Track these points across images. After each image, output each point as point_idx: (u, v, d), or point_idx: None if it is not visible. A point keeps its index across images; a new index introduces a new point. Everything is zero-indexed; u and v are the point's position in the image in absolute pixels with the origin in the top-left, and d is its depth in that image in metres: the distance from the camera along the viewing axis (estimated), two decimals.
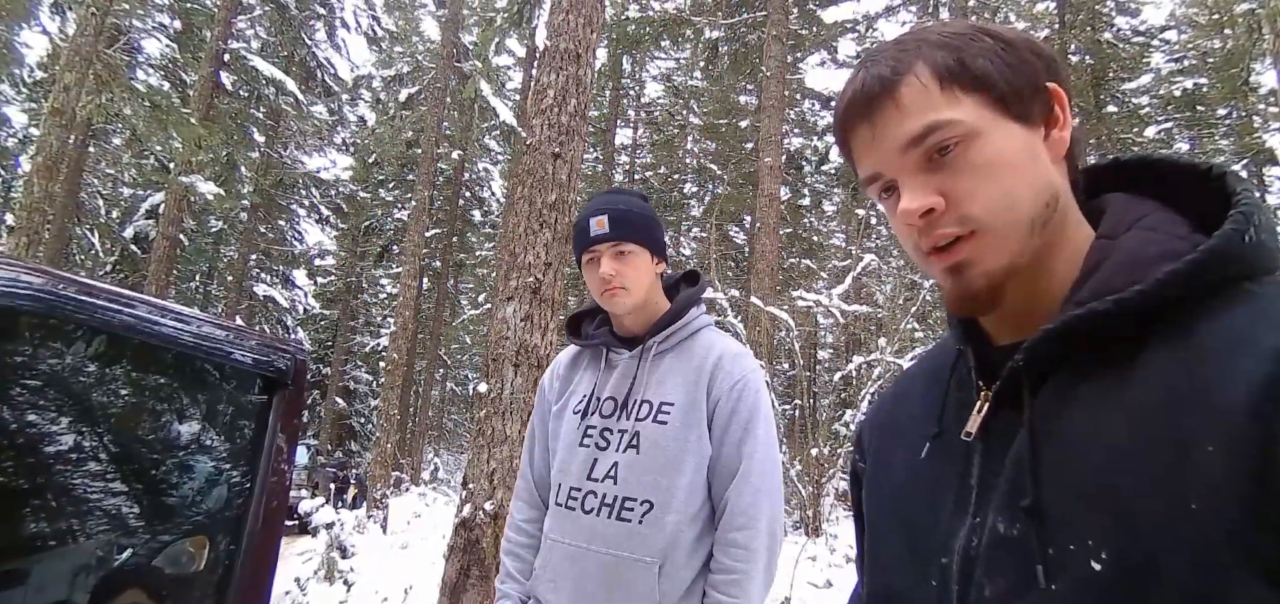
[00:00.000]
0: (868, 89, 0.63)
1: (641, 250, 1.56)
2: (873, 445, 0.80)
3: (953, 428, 0.66)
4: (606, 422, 1.54)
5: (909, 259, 5.60)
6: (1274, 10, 6.95)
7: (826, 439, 11.27)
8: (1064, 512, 0.54)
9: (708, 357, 1.54)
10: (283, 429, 1.62)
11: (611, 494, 1.48)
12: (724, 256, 21.60)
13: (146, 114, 9.80)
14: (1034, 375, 0.60)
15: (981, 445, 0.63)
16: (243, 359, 1.56)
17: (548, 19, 5.21)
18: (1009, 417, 0.61)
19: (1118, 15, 18.95)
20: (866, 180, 0.66)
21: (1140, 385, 0.54)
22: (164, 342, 1.47)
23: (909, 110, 0.61)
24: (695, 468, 1.47)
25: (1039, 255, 0.62)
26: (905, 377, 0.82)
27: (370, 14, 19.82)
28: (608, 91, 23.15)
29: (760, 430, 1.49)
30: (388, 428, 14.72)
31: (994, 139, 0.61)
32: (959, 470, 0.64)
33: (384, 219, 26.48)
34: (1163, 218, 0.62)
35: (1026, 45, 0.64)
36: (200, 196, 13.52)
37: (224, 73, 15.27)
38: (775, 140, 13.71)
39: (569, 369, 1.70)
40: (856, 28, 19.67)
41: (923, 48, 0.63)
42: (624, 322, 1.60)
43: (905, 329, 11.71)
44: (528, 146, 4.89)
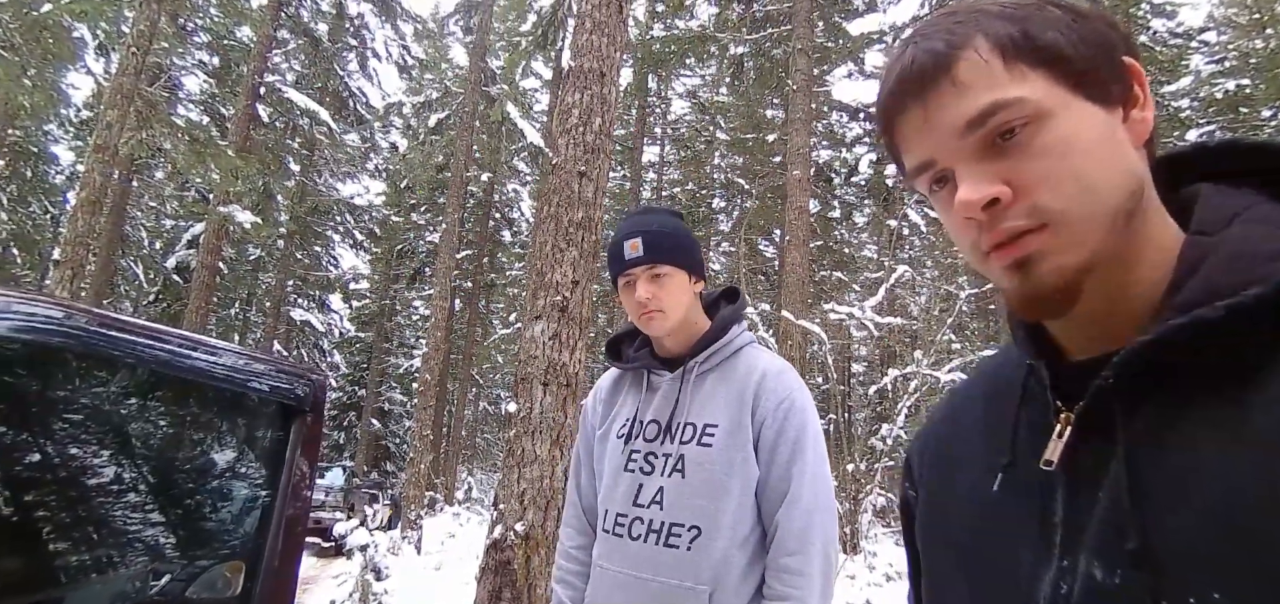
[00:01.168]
0: (919, 65, 0.55)
1: (678, 271, 1.53)
2: (926, 475, 0.70)
3: (1027, 457, 0.57)
4: (650, 446, 1.51)
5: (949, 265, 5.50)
6: None
7: (863, 454, 11.09)
8: (1179, 558, 0.46)
9: (751, 376, 1.49)
10: (302, 455, 1.62)
11: (658, 520, 1.45)
12: (754, 271, 21.50)
13: (186, 148, 10.09)
14: (1127, 395, 0.51)
15: (1065, 477, 0.54)
16: (260, 388, 1.57)
17: (571, 40, 5.25)
18: (1098, 444, 0.52)
19: (1154, 17, 18.56)
20: (915, 170, 0.58)
21: (1265, 409, 0.45)
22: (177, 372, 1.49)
23: (968, 88, 0.53)
24: (742, 490, 1.43)
25: (1121, 254, 0.53)
26: (959, 395, 0.72)
27: (400, 43, 20.24)
28: (634, 110, 23.27)
29: (810, 450, 1.45)
30: (422, 448, 14.85)
31: (1067, 120, 0.52)
32: (1039, 507, 0.55)
33: (416, 242, 26.89)
34: (1271, 209, 0.53)
35: (1100, 16, 0.56)
36: (238, 225, 13.87)
37: (260, 105, 15.70)
38: (803, 153, 13.64)
39: (611, 393, 1.67)
40: (883, 39, 19.54)
41: (981, 19, 0.55)
42: (664, 343, 1.58)
43: (941, 341, 11.51)
44: (554, 166, 4.91)
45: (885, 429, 10.87)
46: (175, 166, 11.82)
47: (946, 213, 0.57)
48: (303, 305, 25.79)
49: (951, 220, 0.56)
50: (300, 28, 17.90)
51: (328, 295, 27.75)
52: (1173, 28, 18.77)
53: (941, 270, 21.78)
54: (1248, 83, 18.87)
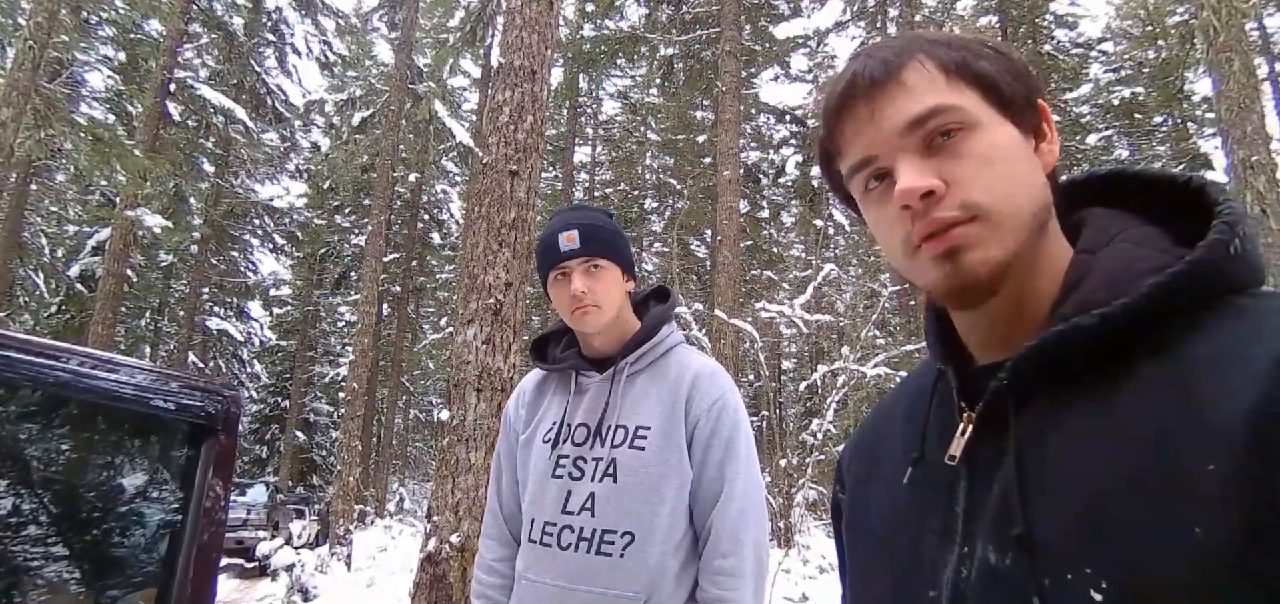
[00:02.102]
0: (870, 72, 0.61)
1: (613, 266, 1.49)
2: (852, 476, 0.76)
3: (935, 452, 0.63)
4: (579, 450, 1.46)
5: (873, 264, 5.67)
6: (1207, 21, 7.23)
7: (794, 449, 11.33)
8: (1059, 540, 0.51)
9: (683, 376, 1.47)
10: (216, 475, 1.53)
11: (589, 527, 1.39)
12: (686, 270, 21.70)
13: (89, 148, 9.47)
14: (1018, 395, 0.57)
15: (966, 470, 0.60)
16: (166, 406, 1.47)
17: (502, 37, 5.17)
18: (994, 439, 0.58)
19: (1057, 28, 19.64)
20: (855, 167, 0.62)
21: (1130, 405, 0.51)
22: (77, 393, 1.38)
23: (914, 91, 0.59)
24: (677, 494, 1.40)
25: (1031, 260, 0.59)
26: (885, 404, 0.79)
27: (321, 39, 19.53)
28: (565, 110, 23.17)
29: (742, 450, 1.44)
30: (350, 460, 14.37)
31: (996, 133, 0.59)
32: (944, 498, 0.61)
33: (340, 245, 26.03)
34: (1143, 232, 0.60)
35: (1018, 59, 0.63)
36: (148, 230, 13.13)
37: (170, 103, 14.89)
38: (733, 154, 13.85)
39: (536, 395, 1.60)
40: (808, 43, 20.07)
41: (923, 43, 0.62)
42: (594, 342, 1.52)
43: (866, 337, 11.87)
44: (484, 165, 4.83)
45: (815, 424, 11.13)
46: (78, 168, 11.10)
47: (880, 209, 0.61)
48: (219, 314, 24.64)
49: (883, 216, 0.61)
50: (214, 22, 17.06)
51: (246, 303, 26.57)
52: (1074, 38, 19.91)
53: (866, 269, 22.49)
54: (1141, 90, 20.19)
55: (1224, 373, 0.48)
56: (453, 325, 22.56)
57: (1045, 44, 19.19)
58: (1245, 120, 6.92)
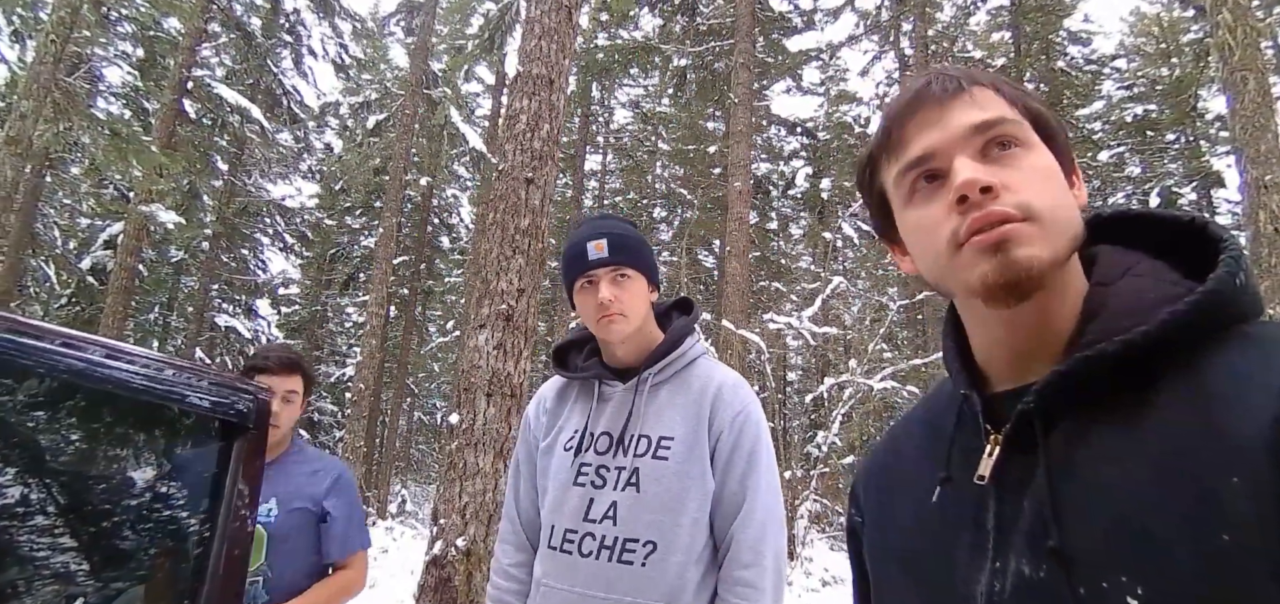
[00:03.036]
0: (942, 84, 0.66)
1: (639, 277, 1.51)
2: (871, 499, 0.78)
3: (962, 473, 0.66)
4: (602, 458, 1.46)
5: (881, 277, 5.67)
6: (1223, 40, 7.22)
7: (799, 461, 11.31)
8: (1092, 553, 0.54)
9: (707, 388, 1.47)
10: (244, 474, 1.54)
11: (611, 536, 1.40)
12: (694, 280, 21.71)
13: (106, 142, 9.56)
14: (1046, 417, 0.60)
15: (996, 490, 0.63)
16: (199, 402, 1.48)
17: (520, 46, 5.22)
18: (1022, 460, 0.61)
19: (1070, 44, 19.62)
20: (910, 164, 0.66)
21: (1155, 427, 0.55)
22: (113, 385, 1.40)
23: (982, 104, 0.65)
24: (699, 505, 1.40)
25: (1063, 278, 0.63)
26: (899, 427, 0.82)
27: (338, 41, 19.67)
28: (577, 117, 23.25)
29: (763, 463, 1.44)
30: (354, 460, 14.41)
31: (1046, 157, 0.65)
32: (973, 516, 0.63)
33: (350, 247, 26.13)
34: (1153, 266, 0.64)
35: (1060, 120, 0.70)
36: (160, 226, 13.23)
37: (187, 100, 15.02)
38: (744, 166, 13.88)
39: (557, 403, 1.61)
40: (820, 56, 20.09)
41: (989, 75, 0.68)
42: (617, 352, 1.53)
43: (873, 350, 11.85)
44: (500, 172, 4.87)
45: (821, 436, 11.13)
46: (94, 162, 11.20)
47: (926, 208, 0.65)
48: (228, 310, 24.74)
49: (929, 214, 0.65)
50: (232, 21, 17.21)
51: (255, 301, 26.67)
52: (1087, 54, 19.88)
53: (874, 282, 22.43)
54: (1154, 108, 20.12)
55: (1241, 395, 0.52)
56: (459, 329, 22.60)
57: (1058, 60, 19.18)
58: (1259, 139, 6.90)
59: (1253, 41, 7.25)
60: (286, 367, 2.23)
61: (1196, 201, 19.20)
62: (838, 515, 14.02)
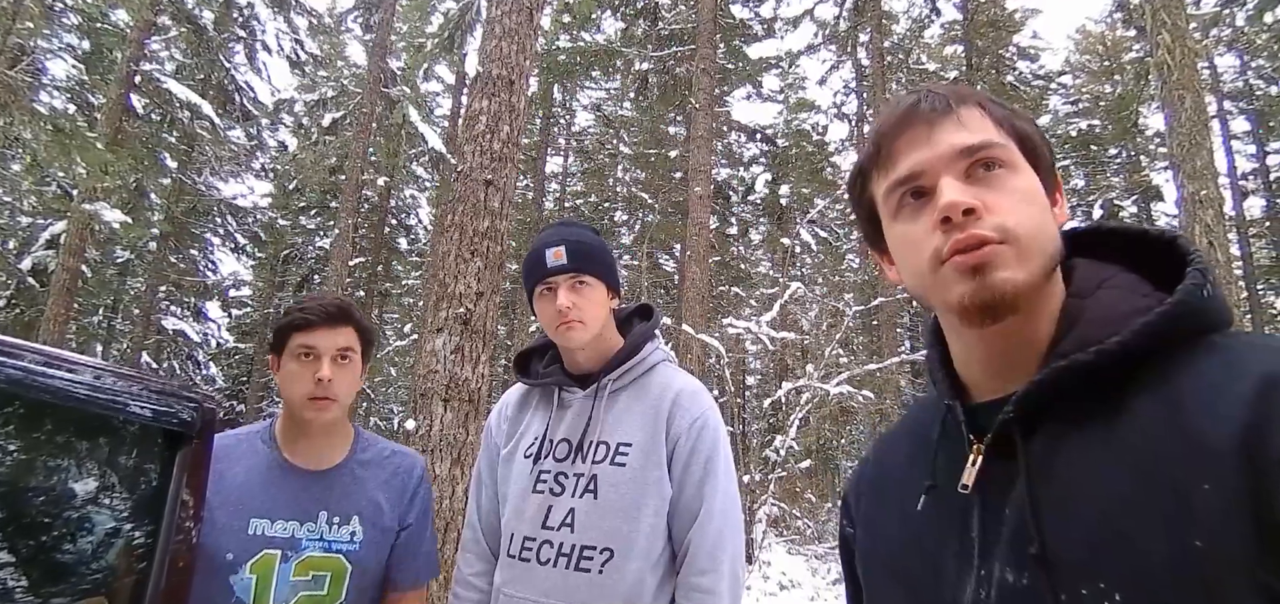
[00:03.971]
0: (931, 102, 0.68)
1: (599, 284, 1.51)
2: (862, 510, 0.80)
3: (947, 482, 0.67)
4: (561, 465, 1.47)
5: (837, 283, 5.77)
6: (1161, 60, 7.53)
7: (758, 465, 11.42)
8: (1072, 558, 0.56)
9: (666, 394, 1.48)
10: (188, 484, 1.50)
11: (569, 543, 1.40)
12: (655, 284, 21.79)
13: (48, 138, 9.20)
14: (1025, 426, 0.62)
15: (979, 498, 0.64)
16: (140, 411, 1.44)
17: (480, 46, 5.19)
18: (1004, 468, 0.63)
19: (1019, 59, 20.25)
20: (898, 182, 0.68)
21: (1129, 433, 0.57)
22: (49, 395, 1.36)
23: (968, 126, 0.67)
24: (656, 511, 1.41)
25: (1040, 297, 0.65)
26: (887, 439, 0.84)
27: (293, 37, 19.24)
28: (538, 119, 23.15)
29: (721, 470, 1.45)
30: None
31: (1030, 179, 0.67)
32: (959, 524, 0.65)
33: (305, 247, 25.57)
34: (1126, 278, 0.67)
35: (1044, 136, 0.71)
36: (105, 225, 12.77)
37: (135, 95, 14.54)
38: (704, 171, 13.98)
39: (518, 410, 1.61)
40: (780, 64, 20.37)
41: (979, 94, 0.70)
42: (577, 358, 1.53)
43: (830, 355, 12.05)
44: (459, 174, 4.83)
45: (779, 440, 11.25)
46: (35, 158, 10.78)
47: (912, 224, 0.68)
48: (176, 313, 24.01)
49: (914, 231, 0.67)
50: (183, 14, 16.72)
51: (204, 303, 25.92)
52: (1035, 70, 20.54)
53: (831, 288, 22.77)
54: (1098, 123, 20.88)
55: (1212, 402, 0.54)
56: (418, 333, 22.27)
57: (1007, 74, 19.76)
58: (1195, 156, 7.20)
59: (1190, 61, 7.57)
60: (332, 317, 1.59)
61: (1136, 215, 19.97)
62: (795, 518, 14.20)
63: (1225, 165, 20.16)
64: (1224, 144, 20.93)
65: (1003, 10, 18.84)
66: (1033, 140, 0.68)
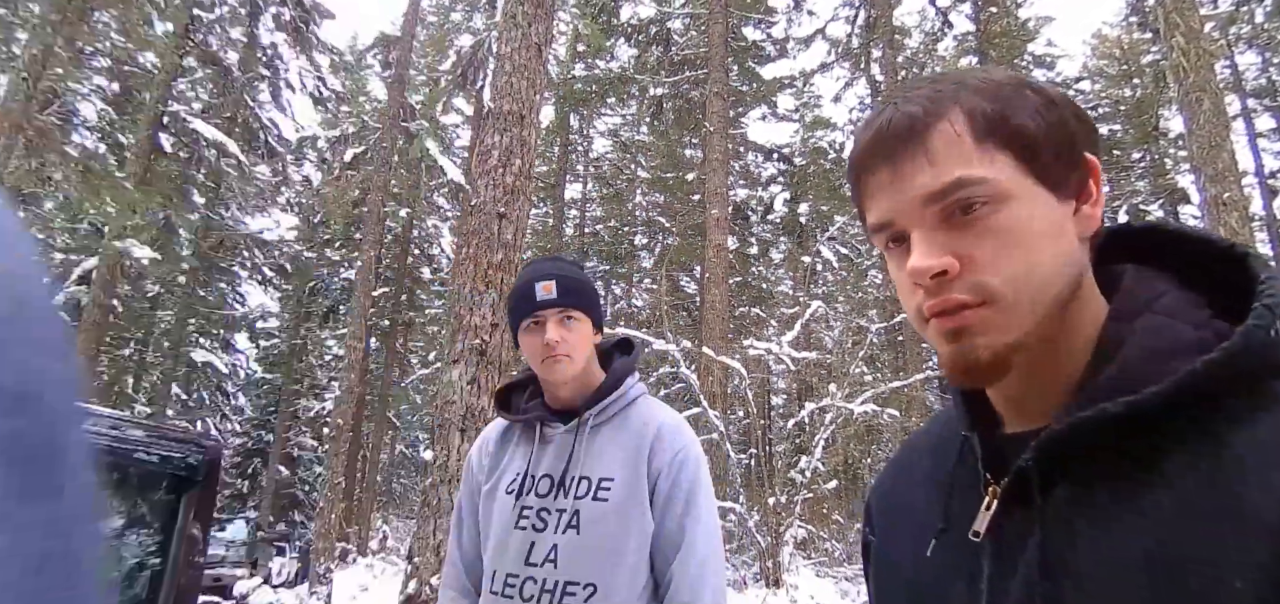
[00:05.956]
0: (895, 127, 0.57)
1: (586, 319, 1.51)
2: (880, 522, 0.75)
3: (960, 524, 0.61)
4: (543, 501, 1.47)
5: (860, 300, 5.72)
6: (1177, 62, 7.43)
7: (783, 487, 11.30)
8: None
9: (647, 429, 1.48)
10: (195, 522, 1.56)
11: (552, 579, 1.40)
12: (676, 307, 21.77)
13: (79, 179, 9.49)
14: (1045, 475, 0.55)
15: (991, 546, 0.58)
16: (148, 458, 1.50)
17: (491, 82, 5.27)
18: (1021, 517, 0.56)
19: (1035, 68, 20.11)
20: (875, 226, 0.60)
21: (1161, 495, 0.49)
22: None
23: (937, 159, 0.55)
24: (638, 546, 1.42)
25: (1051, 337, 0.57)
26: (910, 448, 0.78)
27: (315, 75, 19.68)
28: (556, 147, 23.37)
29: (702, 503, 1.45)
30: (333, 496, 14.21)
31: (1024, 206, 0.55)
32: (968, 573, 0.59)
33: (330, 279, 25.97)
34: (1179, 299, 0.57)
35: (1070, 108, 0.58)
36: (136, 261, 13.08)
37: (163, 135, 14.94)
38: (721, 193, 14.00)
39: (499, 445, 1.61)
40: (794, 83, 20.41)
41: (961, 92, 0.57)
42: (560, 393, 1.53)
43: (854, 373, 11.93)
44: (473, 208, 4.89)
45: (804, 461, 11.13)
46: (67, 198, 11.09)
47: (898, 271, 0.60)
48: (205, 345, 24.44)
49: (901, 278, 0.60)
50: (208, 56, 17.18)
51: (232, 335, 26.39)
52: (1052, 77, 20.36)
53: (853, 305, 22.60)
54: (1119, 128, 20.61)
55: (1265, 469, 0.46)
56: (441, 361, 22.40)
57: None
58: (1217, 158, 7.07)
59: (1206, 63, 7.46)
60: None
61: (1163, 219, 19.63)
62: (823, 540, 14.02)
63: (1253, 165, 19.73)
64: (1250, 142, 20.49)
65: (1016, 20, 18.75)
66: (1034, 140, 0.56)
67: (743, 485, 11.56)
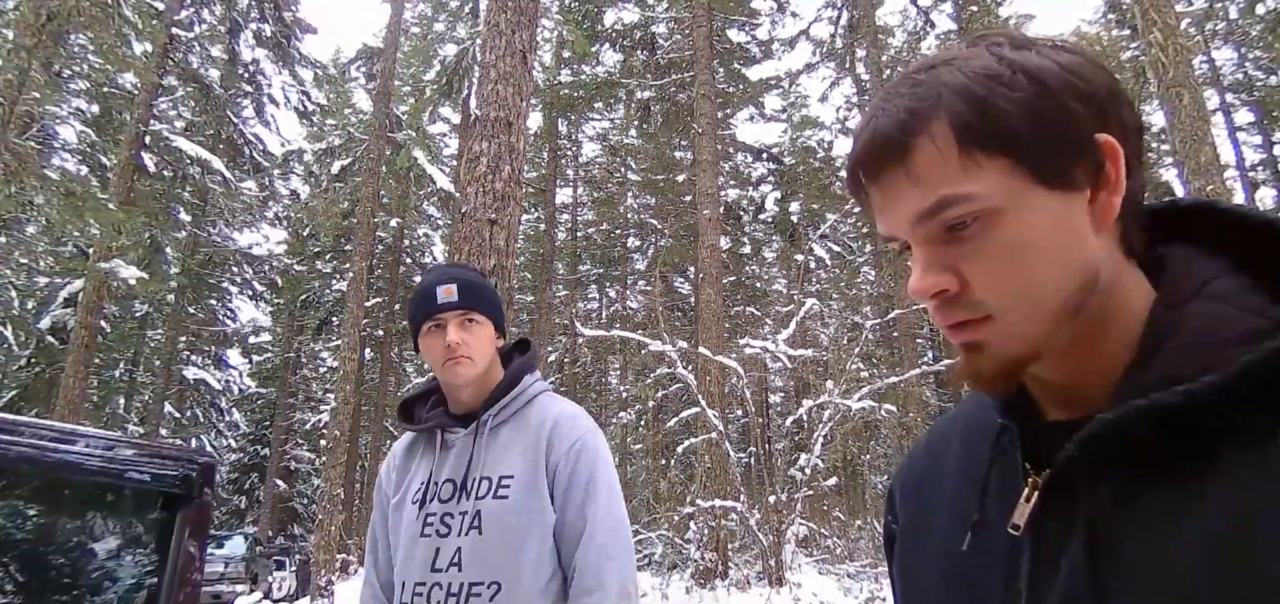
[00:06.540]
0: (877, 144, 0.55)
1: (487, 323, 1.52)
2: (906, 510, 0.72)
3: (997, 516, 0.58)
4: (446, 506, 1.47)
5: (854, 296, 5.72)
6: (1155, 58, 7.48)
7: (784, 485, 11.29)
8: None
9: (544, 423, 1.50)
10: (190, 538, 1.58)
11: (457, 582, 1.41)
12: (671, 308, 21.76)
13: (61, 202, 9.39)
14: (1090, 468, 0.52)
15: (1031, 542, 0.55)
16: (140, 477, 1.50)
17: (477, 90, 5.24)
18: (1063, 511, 0.53)
19: None
20: (885, 238, 0.59)
21: (1219, 494, 0.47)
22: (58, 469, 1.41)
23: (920, 178, 0.53)
24: (541, 539, 1.43)
25: (1073, 340, 0.54)
26: (938, 432, 0.73)
27: (299, 89, 19.60)
28: (545, 152, 23.35)
29: (602, 490, 1.46)
30: (332, 508, 14.11)
31: (1019, 216, 0.52)
32: (1005, 569, 0.56)
33: (321, 291, 25.86)
34: (1234, 284, 0.53)
35: (1069, 89, 0.52)
36: (122, 281, 12.98)
37: (145, 154, 14.82)
38: (712, 194, 14.00)
39: (405, 458, 1.62)
40: (780, 84, 20.45)
41: (944, 94, 0.53)
42: (461, 396, 1.54)
43: (850, 369, 11.93)
44: (463, 215, 4.85)
45: (803, 459, 11.11)
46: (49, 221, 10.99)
47: None
48: (197, 362, 24.32)
49: None
50: (189, 74, 17.07)
51: (224, 351, 26.25)
52: None
53: (847, 302, 22.65)
54: None
55: None
56: None
57: None
58: (1198, 151, 7.14)
59: (1184, 58, 7.52)
60: None
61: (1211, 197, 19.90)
62: (824, 538, 14.00)
63: (1233, 158, 19.92)
64: (1230, 136, 20.68)
65: (997, 18, 18.84)
66: (1025, 138, 0.51)
67: (743, 484, 11.54)
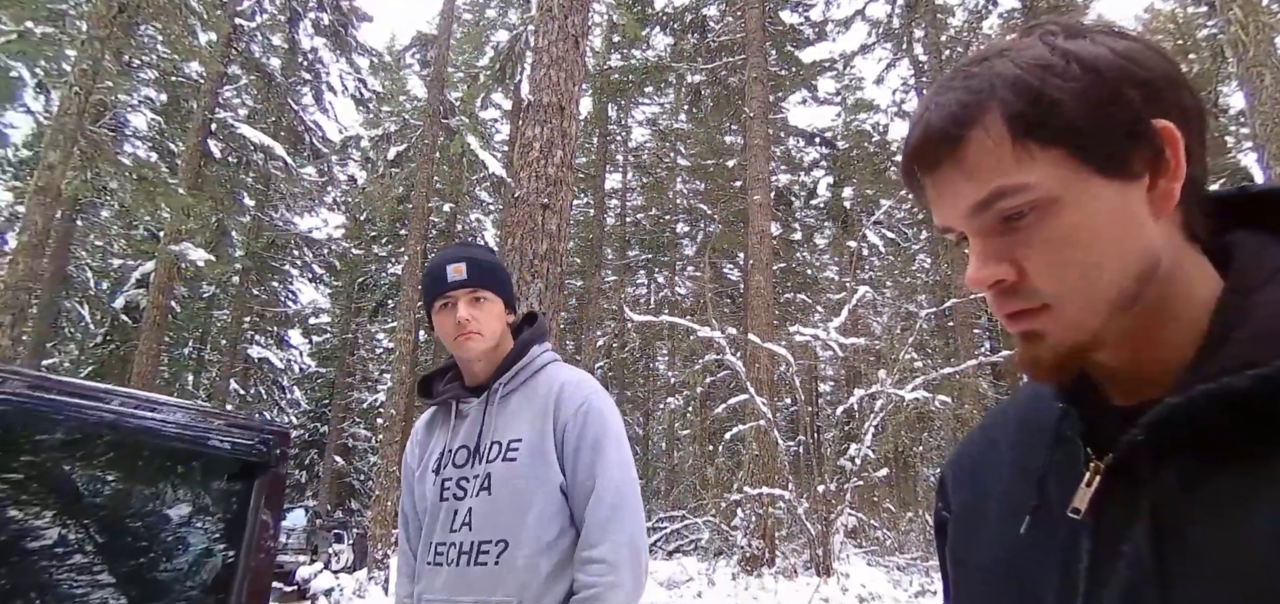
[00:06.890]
0: (930, 137, 0.55)
1: (496, 299, 1.60)
2: (959, 497, 0.71)
3: (1056, 501, 0.57)
4: (460, 470, 1.57)
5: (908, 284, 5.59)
6: (1235, 35, 7.07)
7: (833, 474, 11.14)
8: None
9: (552, 389, 1.57)
10: (266, 508, 1.65)
11: (468, 541, 1.50)
12: (720, 294, 21.63)
13: (133, 187, 9.80)
14: (1156, 453, 0.51)
15: (1092, 527, 0.54)
16: (220, 445, 1.57)
17: (530, 75, 5.26)
18: (1126, 496, 0.52)
19: None
20: (940, 230, 0.59)
21: None
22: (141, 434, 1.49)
23: (974, 171, 0.53)
24: (545, 499, 1.49)
25: (1134, 327, 0.54)
26: (993, 420, 0.73)
27: (356, 77, 20.05)
28: (595, 138, 23.39)
29: (610, 449, 1.52)
30: (387, 484, 14.50)
31: (1073, 207, 0.52)
32: (1064, 554, 0.55)
33: (378, 274, 26.49)
34: None
35: (1125, 76, 0.52)
36: (191, 263, 13.52)
37: (212, 141, 15.39)
38: (763, 179, 13.82)
39: (426, 432, 1.71)
40: (834, 66, 20.01)
41: (996, 86, 0.52)
42: (474, 368, 1.62)
43: (904, 359, 11.67)
44: (516, 199, 4.89)
45: (853, 449, 10.94)
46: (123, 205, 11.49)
47: None
48: (260, 342, 25.18)
49: None
50: (252, 63, 17.63)
51: (286, 331, 27.13)
52: None
53: (901, 290, 22.17)
54: None
55: None
56: None
57: None
58: None
59: (1266, 37, 7.09)
60: None
61: None
62: (874, 529, 13.80)
63: None
64: None
65: None
66: (1079, 128, 0.51)
67: (791, 473, 11.43)
